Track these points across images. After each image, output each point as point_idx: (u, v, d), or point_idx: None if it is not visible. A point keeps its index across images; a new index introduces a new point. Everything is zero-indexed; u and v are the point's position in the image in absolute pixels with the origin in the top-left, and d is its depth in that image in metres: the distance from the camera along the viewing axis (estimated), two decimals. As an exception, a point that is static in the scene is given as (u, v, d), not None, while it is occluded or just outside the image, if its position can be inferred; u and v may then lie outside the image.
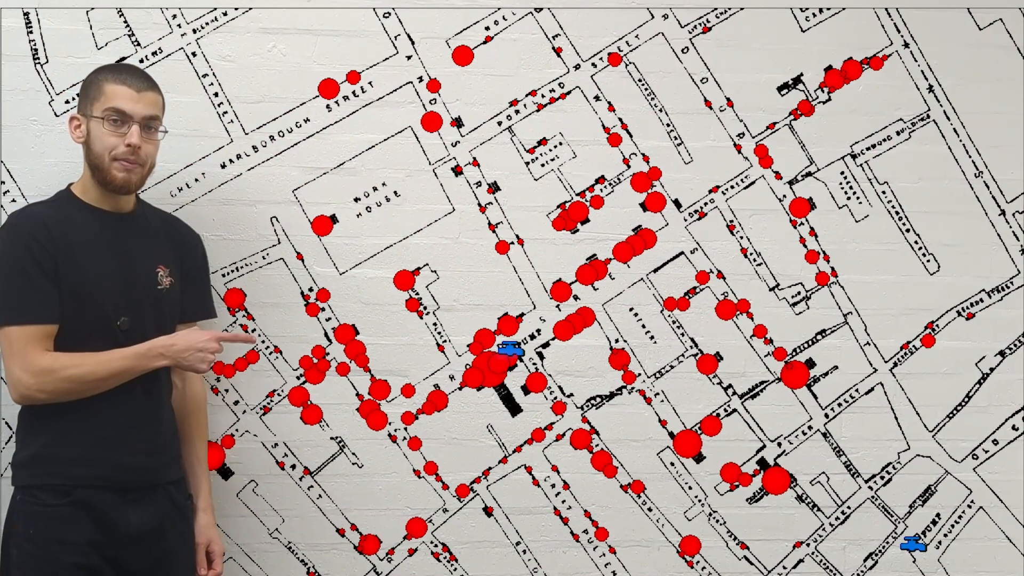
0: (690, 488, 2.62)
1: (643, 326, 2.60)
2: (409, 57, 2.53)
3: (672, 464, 2.61)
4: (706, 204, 2.61)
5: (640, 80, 2.58)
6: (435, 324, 2.54)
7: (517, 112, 2.56)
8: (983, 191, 2.66)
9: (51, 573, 2.01)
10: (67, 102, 2.43)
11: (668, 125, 2.59)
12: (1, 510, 2.15)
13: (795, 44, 2.62)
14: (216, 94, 2.48)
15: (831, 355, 2.63)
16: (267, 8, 2.49)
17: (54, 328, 2.05)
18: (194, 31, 2.47)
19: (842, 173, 2.63)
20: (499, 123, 2.55)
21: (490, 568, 2.57)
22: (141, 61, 2.44)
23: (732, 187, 2.61)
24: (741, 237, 2.62)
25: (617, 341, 2.59)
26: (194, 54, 2.47)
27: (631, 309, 2.59)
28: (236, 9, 2.48)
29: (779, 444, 2.63)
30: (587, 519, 2.59)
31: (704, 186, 2.61)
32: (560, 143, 2.57)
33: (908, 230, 2.65)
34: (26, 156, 2.42)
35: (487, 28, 2.55)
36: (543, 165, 2.57)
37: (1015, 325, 2.67)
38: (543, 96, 2.56)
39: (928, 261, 2.65)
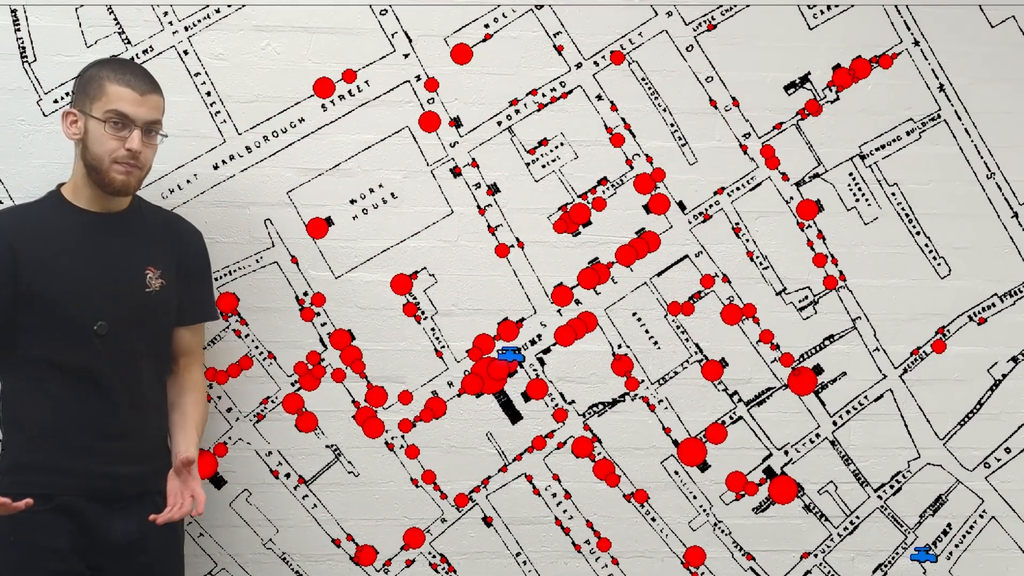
0: (695, 497, 2.58)
1: (646, 331, 2.56)
2: (406, 55, 2.50)
3: (676, 473, 2.58)
4: (711, 206, 2.57)
5: (643, 79, 2.55)
6: (433, 329, 2.51)
7: (517, 112, 2.52)
8: (995, 193, 2.63)
9: None
10: (55, 101, 2.40)
11: (672, 125, 2.56)
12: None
13: (802, 42, 2.58)
14: (208, 93, 2.44)
15: (839, 361, 2.60)
16: (260, 5, 2.45)
17: None
18: (186, 29, 2.44)
19: (851, 174, 2.60)
20: (499, 123, 2.52)
21: (489, 579, 2.55)
22: (132, 59, 2.40)
23: (738, 189, 2.58)
24: (747, 240, 2.58)
25: (620, 347, 2.56)
26: (186, 52, 2.44)
27: (634, 314, 2.56)
28: (229, 6, 2.45)
29: (786, 452, 2.60)
30: (589, 529, 2.56)
31: (709, 188, 2.57)
32: (561, 143, 2.53)
33: (918, 233, 2.61)
34: (13, 157, 2.39)
35: (486, 26, 2.51)
36: (544, 166, 2.53)
37: (1028, 330, 2.65)
38: (544, 95, 2.53)
39: (939, 264, 2.62)
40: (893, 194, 2.60)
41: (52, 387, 2.04)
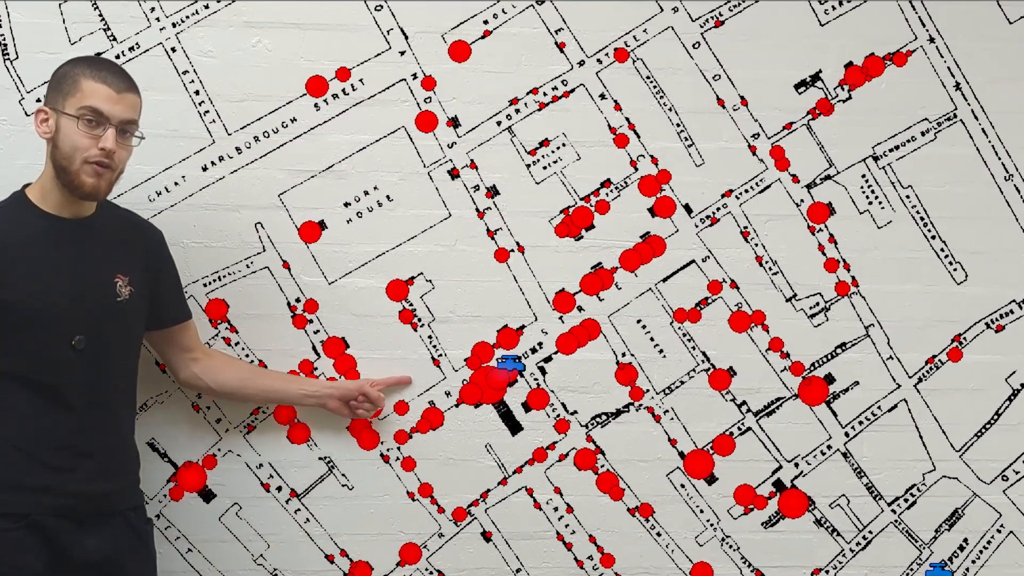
0: (702, 511, 2.55)
1: (651, 339, 2.53)
2: (402, 53, 2.46)
3: (682, 486, 2.55)
4: (719, 209, 2.54)
5: (648, 77, 2.52)
6: (430, 337, 2.47)
7: (517, 111, 2.49)
8: (1013, 195, 2.60)
9: None
10: (38, 100, 2.35)
11: (678, 125, 2.52)
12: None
13: (813, 39, 2.55)
14: (197, 92, 2.41)
15: (852, 370, 2.57)
16: (251, 0, 2.42)
17: None
18: (174, 25, 2.40)
19: (863, 176, 2.57)
20: (498, 123, 2.49)
21: (489, 597, 2.53)
22: (117, 57, 2.37)
23: (746, 191, 2.54)
24: (756, 244, 2.55)
25: (624, 355, 2.52)
26: (174, 49, 2.40)
27: (639, 321, 2.53)
28: (218, 2, 2.41)
29: (796, 465, 2.57)
30: (592, 544, 2.53)
31: (716, 190, 2.54)
32: (563, 144, 2.50)
33: (933, 237, 2.58)
34: (-6, 158, 2.36)
35: (485, 22, 2.48)
36: (545, 168, 2.50)
37: (1047, 338, 2.62)
38: (545, 94, 2.49)
39: (955, 270, 2.59)
40: (907, 197, 2.57)
41: (20, 403, 1.99)
